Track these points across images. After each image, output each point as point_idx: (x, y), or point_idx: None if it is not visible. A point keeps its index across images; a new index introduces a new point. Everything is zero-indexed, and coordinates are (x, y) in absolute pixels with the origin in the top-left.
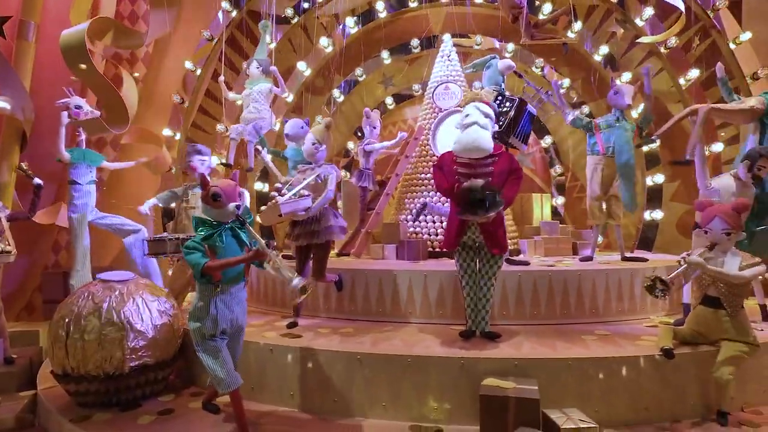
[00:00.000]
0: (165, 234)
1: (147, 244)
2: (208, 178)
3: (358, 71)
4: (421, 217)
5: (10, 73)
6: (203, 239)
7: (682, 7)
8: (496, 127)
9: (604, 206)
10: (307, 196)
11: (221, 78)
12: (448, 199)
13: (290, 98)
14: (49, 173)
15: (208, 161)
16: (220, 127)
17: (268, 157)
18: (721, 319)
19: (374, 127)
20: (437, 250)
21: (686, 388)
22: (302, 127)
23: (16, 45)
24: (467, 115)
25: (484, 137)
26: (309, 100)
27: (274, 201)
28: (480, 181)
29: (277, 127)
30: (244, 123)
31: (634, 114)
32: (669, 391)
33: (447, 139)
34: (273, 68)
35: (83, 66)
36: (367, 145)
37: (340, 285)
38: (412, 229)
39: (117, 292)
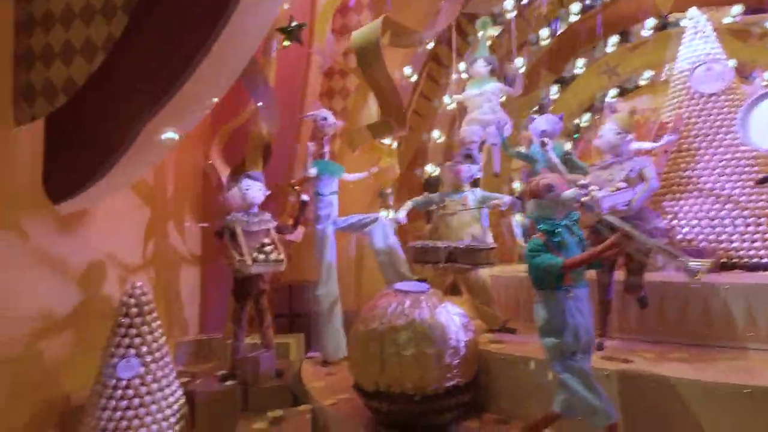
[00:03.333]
0: (432, 242)
1: (415, 251)
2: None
3: (579, 63)
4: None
5: (265, 86)
6: (546, 234)
7: None
8: None
9: None
10: (625, 188)
11: (454, 76)
12: None
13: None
14: (274, 186)
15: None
16: (434, 134)
17: (555, 156)
18: None
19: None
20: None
21: None
22: (557, 122)
23: (261, 60)
24: None
25: None
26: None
27: (588, 195)
28: None
29: None
30: (478, 125)
31: None
32: None
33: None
34: (514, 66)
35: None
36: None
37: (645, 301)
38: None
39: (424, 304)
